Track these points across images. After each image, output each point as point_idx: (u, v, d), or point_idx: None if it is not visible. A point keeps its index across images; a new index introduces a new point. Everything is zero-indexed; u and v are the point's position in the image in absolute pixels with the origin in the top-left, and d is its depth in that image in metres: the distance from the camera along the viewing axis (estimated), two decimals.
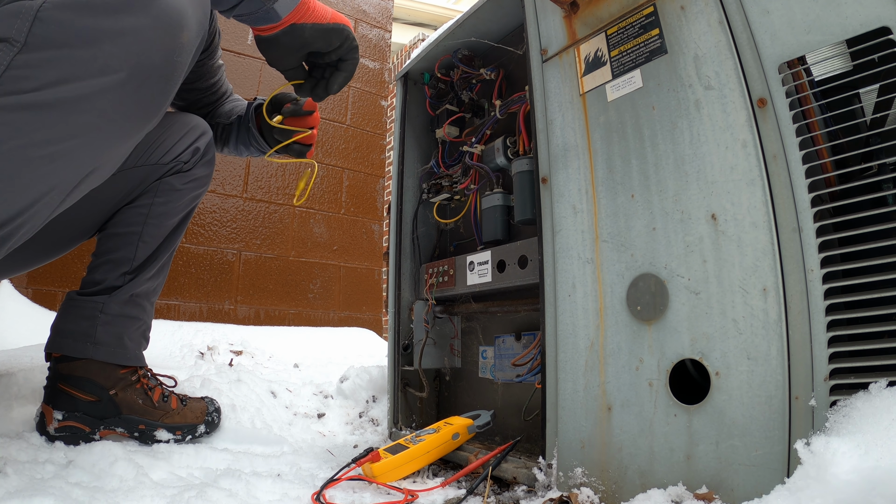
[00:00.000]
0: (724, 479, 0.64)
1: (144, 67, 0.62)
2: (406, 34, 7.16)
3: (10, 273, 1.09)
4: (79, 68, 0.58)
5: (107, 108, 0.61)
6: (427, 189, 1.31)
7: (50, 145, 0.59)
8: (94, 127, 0.61)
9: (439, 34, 1.26)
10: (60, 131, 0.59)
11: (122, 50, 0.60)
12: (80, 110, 0.59)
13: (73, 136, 0.60)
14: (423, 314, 1.26)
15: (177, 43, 0.65)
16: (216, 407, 1.19)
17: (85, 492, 0.75)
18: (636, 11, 0.81)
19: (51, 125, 0.58)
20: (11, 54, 0.55)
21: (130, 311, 1.08)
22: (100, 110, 0.61)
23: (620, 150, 0.81)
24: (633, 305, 0.77)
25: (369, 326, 2.91)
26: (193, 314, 2.40)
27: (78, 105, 0.59)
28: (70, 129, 0.60)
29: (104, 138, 0.64)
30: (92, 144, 0.63)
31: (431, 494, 0.87)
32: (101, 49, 0.59)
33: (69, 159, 0.62)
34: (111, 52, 0.59)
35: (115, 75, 0.60)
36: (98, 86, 0.59)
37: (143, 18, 0.61)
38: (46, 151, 0.59)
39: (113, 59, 0.59)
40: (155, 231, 1.10)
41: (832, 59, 0.64)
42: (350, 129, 2.96)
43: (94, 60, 0.58)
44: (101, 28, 0.58)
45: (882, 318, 0.58)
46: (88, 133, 0.61)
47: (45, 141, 0.58)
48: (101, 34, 0.58)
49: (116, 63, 0.60)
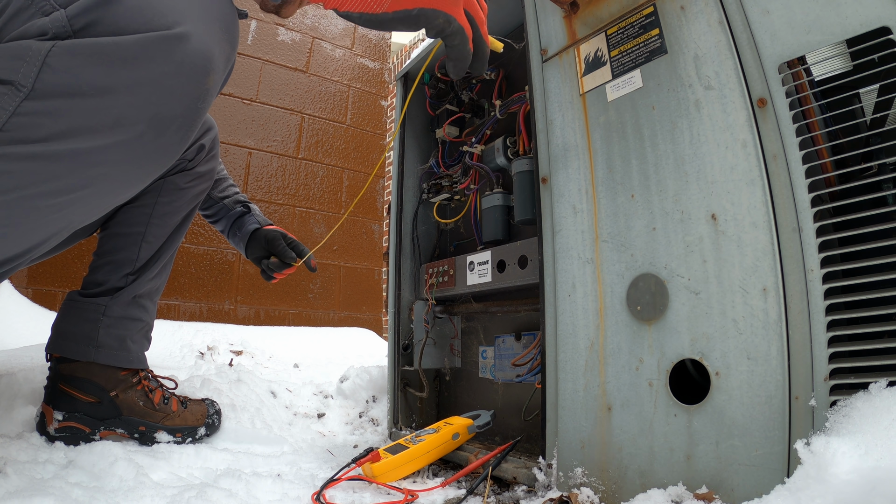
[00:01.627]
0: (724, 479, 0.64)
1: (164, 118, 0.57)
2: (406, 34, 7.15)
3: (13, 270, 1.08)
4: (91, 119, 0.53)
5: (120, 159, 0.57)
6: (427, 189, 1.31)
7: (59, 195, 0.55)
8: (107, 178, 0.58)
9: None
10: (70, 183, 0.55)
11: (140, 100, 0.55)
12: (91, 163, 0.55)
13: (84, 187, 0.57)
14: (423, 314, 1.26)
15: (202, 89, 0.59)
16: (217, 409, 1.19)
17: (85, 492, 0.75)
18: (636, 11, 0.81)
19: (60, 177, 0.54)
20: (18, 100, 0.51)
21: (133, 312, 1.08)
22: (113, 162, 0.57)
23: (620, 150, 0.81)
24: (633, 305, 0.77)
25: (369, 326, 2.91)
26: (193, 314, 2.40)
27: (90, 157, 0.55)
28: (80, 180, 0.56)
29: (116, 187, 0.60)
30: (102, 193, 0.59)
31: (431, 494, 0.87)
32: (117, 100, 0.54)
33: (79, 206, 0.59)
34: (128, 103, 0.54)
35: (131, 128, 0.55)
36: (112, 138, 0.55)
37: (165, 66, 0.55)
38: (55, 201, 0.56)
39: (129, 109, 0.54)
40: (158, 231, 1.09)
41: (832, 59, 0.64)
42: (350, 129, 2.96)
43: (107, 112, 0.54)
44: (116, 77, 0.53)
45: (882, 318, 0.58)
46: (100, 182, 0.58)
47: (55, 191, 0.55)
48: (116, 84, 0.53)
49: (133, 115, 0.55)
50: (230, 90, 2.53)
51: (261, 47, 2.66)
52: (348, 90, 2.97)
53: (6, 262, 0.60)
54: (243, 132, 2.58)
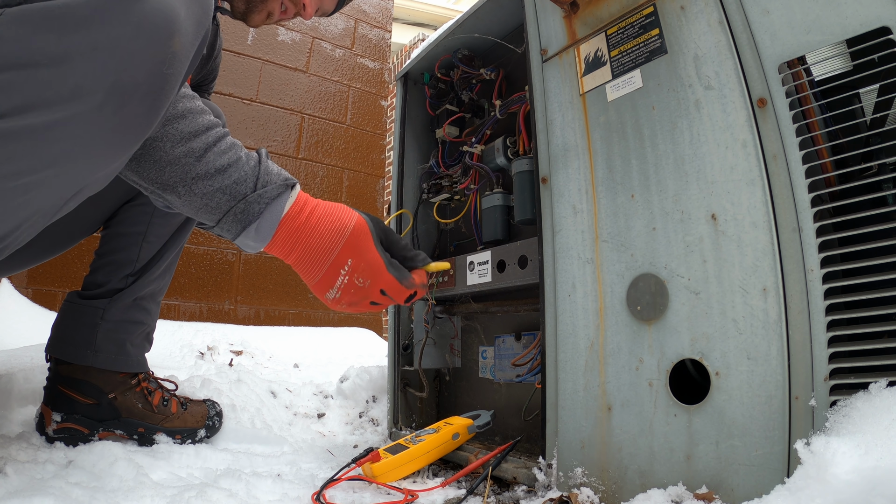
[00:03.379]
0: (724, 479, 0.64)
1: (124, 86, 0.52)
2: (406, 34, 7.16)
3: (12, 270, 1.07)
4: (46, 92, 0.49)
5: (82, 133, 0.52)
6: (427, 189, 1.31)
7: (22, 176, 0.51)
8: (70, 156, 0.53)
9: (439, 34, 1.26)
10: (32, 162, 0.51)
11: (97, 67, 0.50)
12: (52, 139, 0.51)
13: (48, 167, 0.52)
14: (423, 314, 1.26)
15: (166, 53, 0.55)
16: (217, 411, 1.18)
17: (85, 492, 0.75)
18: (636, 11, 0.81)
19: (21, 156, 0.50)
20: None
21: (134, 315, 1.07)
22: (75, 137, 0.52)
23: (620, 150, 0.81)
24: (633, 305, 0.77)
25: (369, 326, 2.91)
26: (193, 314, 2.40)
27: (49, 133, 0.50)
28: (43, 159, 0.52)
29: (84, 164, 0.55)
30: (71, 172, 0.55)
31: (431, 494, 0.87)
32: (72, 69, 0.49)
33: (47, 188, 0.54)
34: (83, 72, 0.50)
35: (89, 98, 0.51)
36: (70, 111, 0.50)
37: (121, 28, 0.51)
38: (19, 182, 0.51)
39: (86, 78, 0.50)
40: (160, 230, 1.08)
41: (832, 59, 0.64)
42: (350, 129, 2.96)
43: (63, 82, 0.49)
44: (69, 42, 0.49)
45: (882, 318, 0.58)
46: (65, 161, 0.53)
47: (16, 173, 0.51)
48: (70, 51, 0.49)
49: (90, 83, 0.50)
50: (230, 90, 2.53)
51: (261, 47, 2.66)
52: (348, 90, 2.97)
53: None
54: (243, 132, 2.58)
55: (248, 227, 0.70)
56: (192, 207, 0.69)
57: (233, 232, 0.71)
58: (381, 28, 3.17)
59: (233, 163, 0.69)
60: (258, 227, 0.71)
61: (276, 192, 0.71)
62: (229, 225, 0.70)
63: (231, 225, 0.70)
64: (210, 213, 0.69)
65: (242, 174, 0.69)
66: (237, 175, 0.69)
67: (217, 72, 1.24)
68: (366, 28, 3.09)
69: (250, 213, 0.70)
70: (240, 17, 0.99)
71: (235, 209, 0.69)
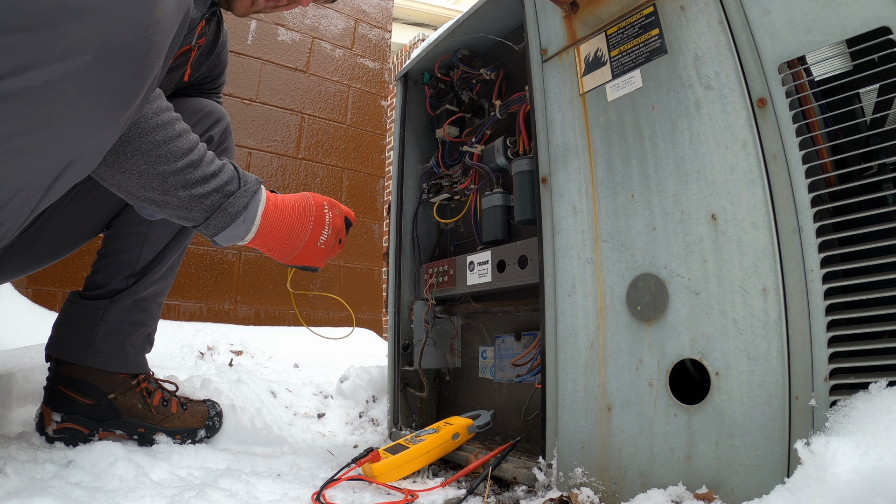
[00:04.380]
0: (724, 479, 0.64)
1: (113, 48, 0.56)
2: (406, 34, 7.16)
3: (18, 275, 1.07)
4: (40, 53, 0.53)
5: (74, 94, 0.56)
6: (427, 189, 1.31)
7: (16, 138, 0.55)
8: (63, 116, 0.57)
9: (439, 34, 1.26)
10: (27, 123, 0.55)
11: (87, 29, 0.54)
12: (45, 99, 0.55)
13: (42, 128, 0.56)
14: (423, 314, 1.26)
15: (150, 19, 0.59)
16: (217, 411, 1.18)
17: (85, 492, 0.75)
18: (636, 11, 0.81)
19: (16, 116, 0.54)
20: None
21: (134, 316, 1.06)
22: (67, 97, 0.56)
23: (620, 150, 0.81)
24: (633, 305, 0.77)
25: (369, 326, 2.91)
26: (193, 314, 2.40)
27: (43, 93, 0.54)
28: (37, 119, 0.55)
29: (75, 127, 0.59)
30: (63, 135, 0.58)
31: (431, 494, 0.87)
32: (64, 30, 0.53)
33: (40, 152, 0.57)
34: (75, 33, 0.54)
35: (80, 58, 0.54)
36: (62, 71, 0.54)
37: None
38: (14, 145, 0.55)
39: (77, 40, 0.54)
40: (161, 231, 1.08)
41: (832, 59, 0.64)
42: (350, 129, 2.96)
43: (56, 43, 0.53)
44: (62, 6, 0.53)
45: (882, 318, 0.58)
46: (58, 123, 0.57)
47: (11, 134, 0.54)
48: (62, 13, 0.53)
49: (81, 44, 0.54)
50: (230, 90, 2.53)
51: (261, 47, 2.66)
52: (348, 90, 2.97)
53: None
54: (243, 132, 2.58)
55: (237, 218, 0.82)
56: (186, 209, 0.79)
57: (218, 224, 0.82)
58: (381, 28, 3.17)
59: (221, 168, 0.82)
60: (245, 218, 0.83)
61: (255, 185, 0.85)
62: (217, 221, 0.81)
63: (219, 221, 0.81)
64: (203, 212, 0.80)
65: (228, 178, 0.82)
66: (222, 179, 0.81)
67: (224, 68, 1.22)
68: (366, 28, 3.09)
69: (238, 205, 0.82)
70: (224, 5, 0.98)
71: (224, 206, 0.81)
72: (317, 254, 0.92)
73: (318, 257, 0.93)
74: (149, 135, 0.74)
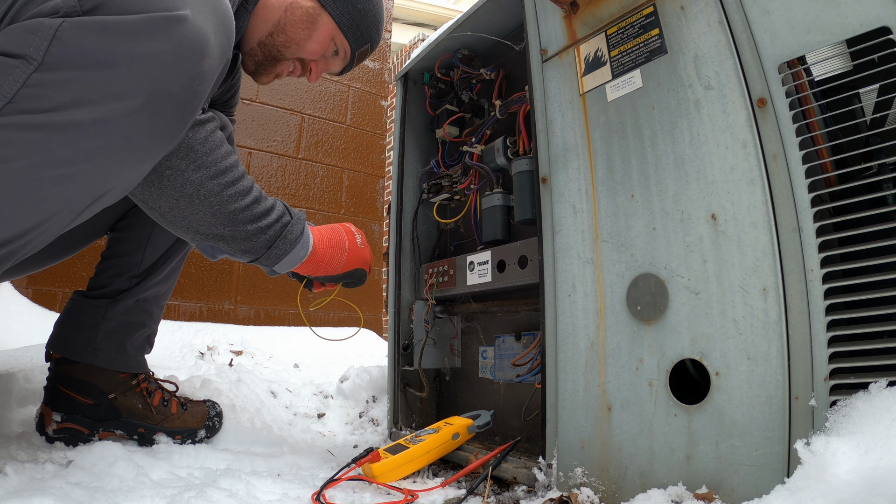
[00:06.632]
0: (724, 479, 0.64)
1: (161, 94, 0.61)
2: (406, 34, 7.16)
3: (24, 272, 1.08)
4: (94, 91, 0.57)
5: (120, 133, 0.60)
6: (427, 189, 1.31)
7: (61, 167, 0.58)
8: (107, 151, 0.60)
9: (439, 34, 1.26)
10: (72, 154, 0.58)
11: (140, 75, 0.58)
12: (93, 134, 0.58)
13: (85, 160, 0.59)
14: (423, 314, 1.26)
15: (197, 70, 0.63)
16: (217, 412, 1.18)
17: (85, 492, 0.75)
18: (636, 11, 0.81)
19: (63, 147, 0.57)
20: (28, 72, 0.55)
21: (135, 316, 1.08)
22: (113, 135, 0.60)
23: (620, 150, 0.81)
24: (633, 305, 0.77)
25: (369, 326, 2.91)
26: (193, 314, 2.40)
27: (92, 129, 0.58)
28: (82, 152, 0.59)
29: (116, 163, 0.63)
30: (104, 168, 0.62)
31: (431, 494, 0.87)
32: (119, 73, 0.57)
33: (80, 182, 0.61)
34: (129, 77, 0.58)
35: (130, 101, 0.59)
36: (113, 111, 0.58)
37: (164, 44, 0.59)
38: (57, 173, 0.58)
39: (130, 84, 0.58)
40: (164, 234, 1.09)
41: (832, 59, 0.64)
42: (350, 129, 2.96)
43: (110, 84, 0.57)
44: (119, 51, 0.57)
45: (882, 318, 0.58)
46: (100, 157, 0.60)
47: (56, 162, 0.58)
48: (119, 58, 0.57)
49: (133, 88, 0.58)
50: None
51: None
52: (348, 90, 2.97)
53: (6, 244, 0.61)
54: (243, 132, 2.58)
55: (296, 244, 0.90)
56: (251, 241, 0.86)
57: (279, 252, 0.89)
58: None
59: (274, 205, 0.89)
60: (303, 243, 0.92)
61: (303, 214, 0.93)
62: (278, 248, 0.88)
63: (280, 248, 0.89)
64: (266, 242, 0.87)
65: (281, 210, 0.89)
66: (279, 211, 0.89)
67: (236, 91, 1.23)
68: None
69: (296, 232, 0.90)
70: (250, 73, 1.04)
71: (284, 234, 0.88)
72: (360, 254, 1.01)
73: (363, 259, 1.01)
74: (220, 177, 0.79)
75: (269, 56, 0.99)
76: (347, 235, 1.01)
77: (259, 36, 0.97)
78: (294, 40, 0.97)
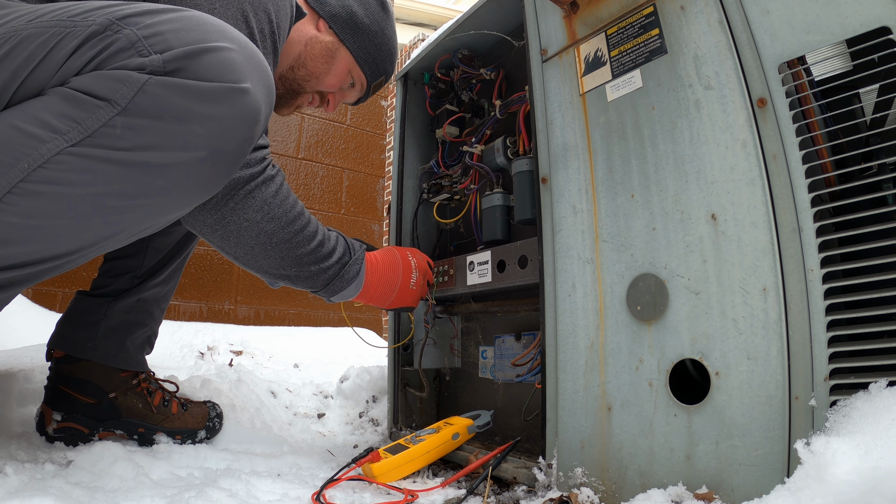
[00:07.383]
0: (724, 479, 0.64)
1: (221, 151, 0.69)
2: (406, 34, 7.16)
3: None
4: (166, 140, 0.65)
5: (181, 178, 0.68)
6: (427, 189, 1.31)
7: (124, 199, 0.66)
8: (166, 192, 0.68)
9: (439, 34, 1.26)
10: (136, 189, 0.66)
11: (207, 132, 0.67)
12: (158, 175, 0.66)
13: (146, 196, 0.67)
14: (423, 314, 1.26)
15: (250, 134, 0.72)
16: (218, 412, 1.18)
17: (85, 491, 0.75)
18: (636, 11, 0.81)
19: (130, 182, 0.65)
20: (111, 114, 0.62)
21: (136, 316, 1.09)
22: (175, 179, 0.67)
23: (620, 150, 0.81)
24: (633, 305, 0.77)
25: (369, 326, 2.91)
26: (193, 314, 2.40)
27: (158, 171, 0.65)
28: (145, 189, 0.66)
29: (170, 203, 0.70)
30: (159, 206, 0.70)
31: (431, 494, 0.87)
32: (190, 128, 0.65)
33: (136, 214, 0.68)
34: (197, 133, 0.66)
35: (195, 152, 0.67)
36: (179, 158, 0.66)
37: (229, 109, 0.67)
38: (119, 203, 0.66)
39: (197, 138, 0.66)
40: (164, 237, 1.11)
41: (832, 59, 0.64)
42: (350, 129, 2.96)
43: (181, 136, 0.65)
44: (192, 110, 0.65)
45: (882, 318, 0.58)
46: (159, 196, 0.68)
47: (121, 194, 0.65)
48: (191, 115, 0.65)
49: (199, 142, 0.66)
50: None
51: None
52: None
53: (57, 258, 0.67)
54: None
55: (350, 283, 0.99)
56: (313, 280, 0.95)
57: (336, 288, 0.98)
58: None
59: (336, 245, 0.97)
60: (357, 282, 1.00)
61: (362, 253, 1.02)
62: (335, 286, 0.97)
63: (337, 285, 0.98)
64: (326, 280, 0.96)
65: (342, 250, 0.98)
66: (340, 252, 0.98)
67: None
68: None
69: (352, 272, 0.99)
70: None
71: (342, 274, 0.97)
72: (410, 295, 1.10)
73: (412, 298, 1.11)
74: (290, 226, 0.89)
75: (290, 89, 1.04)
76: (403, 274, 1.08)
77: (280, 70, 1.01)
78: (314, 74, 1.03)
